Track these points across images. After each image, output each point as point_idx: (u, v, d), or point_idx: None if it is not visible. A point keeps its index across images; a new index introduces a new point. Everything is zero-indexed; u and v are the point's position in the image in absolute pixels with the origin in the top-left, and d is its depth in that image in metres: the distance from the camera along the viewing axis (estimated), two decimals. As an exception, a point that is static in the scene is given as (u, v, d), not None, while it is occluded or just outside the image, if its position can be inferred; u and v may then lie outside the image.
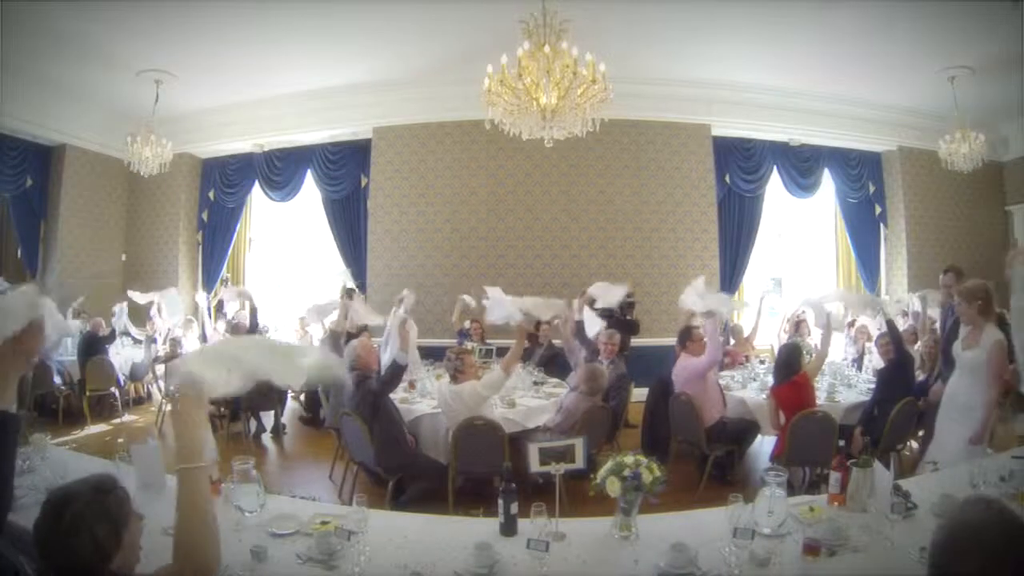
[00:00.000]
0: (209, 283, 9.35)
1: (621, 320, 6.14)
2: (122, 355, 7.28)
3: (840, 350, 6.77)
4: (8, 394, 1.49)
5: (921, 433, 4.93)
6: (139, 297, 7.73)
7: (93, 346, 6.74)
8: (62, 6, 5.56)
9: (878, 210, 9.07)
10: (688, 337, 4.90)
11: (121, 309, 7.83)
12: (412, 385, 5.06)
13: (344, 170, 8.70)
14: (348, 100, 8.04)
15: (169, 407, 5.42)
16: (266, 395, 5.95)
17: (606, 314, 6.14)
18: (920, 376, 5.08)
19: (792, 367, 4.31)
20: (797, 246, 9.51)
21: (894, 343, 4.61)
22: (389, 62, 7.22)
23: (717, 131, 8.27)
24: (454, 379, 4.17)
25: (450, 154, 8.11)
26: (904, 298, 7.40)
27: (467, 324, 6.82)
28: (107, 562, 1.30)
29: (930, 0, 5.57)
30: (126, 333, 7.69)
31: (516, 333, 4.22)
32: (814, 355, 4.85)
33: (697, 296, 4.63)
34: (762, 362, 6.39)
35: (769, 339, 7.28)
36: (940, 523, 1.24)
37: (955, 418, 3.45)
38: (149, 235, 9.34)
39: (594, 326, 5.34)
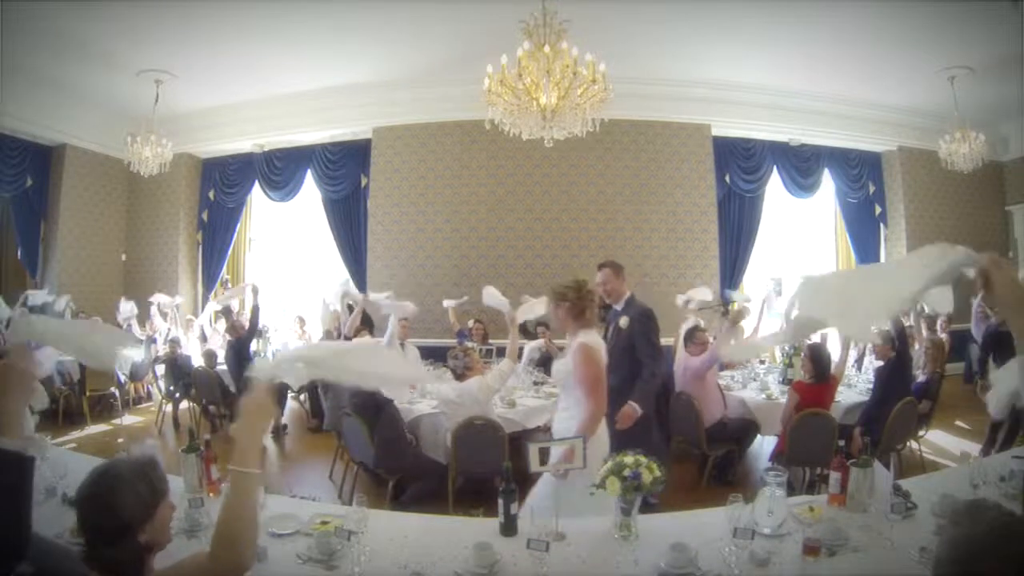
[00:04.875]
0: (209, 283, 9.36)
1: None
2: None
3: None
4: (17, 427, 1.48)
5: (922, 434, 4.94)
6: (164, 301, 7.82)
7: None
8: (62, 6, 5.56)
9: (878, 210, 9.08)
10: (691, 339, 4.91)
11: (130, 308, 7.86)
12: (412, 385, 5.06)
13: (344, 170, 8.70)
14: (348, 100, 8.04)
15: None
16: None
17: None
18: (921, 377, 5.09)
19: (828, 367, 4.32)
20: (797, 246, 9.50)
21: (898, 342, 4.60)
22: (389, 62, 7.22)
23: (717, 131, 8.26)
24: (461, 377, 4.17)
25: (450, 154, 8.11)
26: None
27: (470, 323, 6.82)
28: (141, 524, 1.36)
29: (930, 0, 5.58)
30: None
31: (508, 323, 4.23)
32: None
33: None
34: (762, 362, 6.39)
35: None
36: (948, 535, 1.21)
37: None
38: (149, 235, 9.34)
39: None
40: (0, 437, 1.40)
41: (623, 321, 3.63)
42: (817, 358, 4.31)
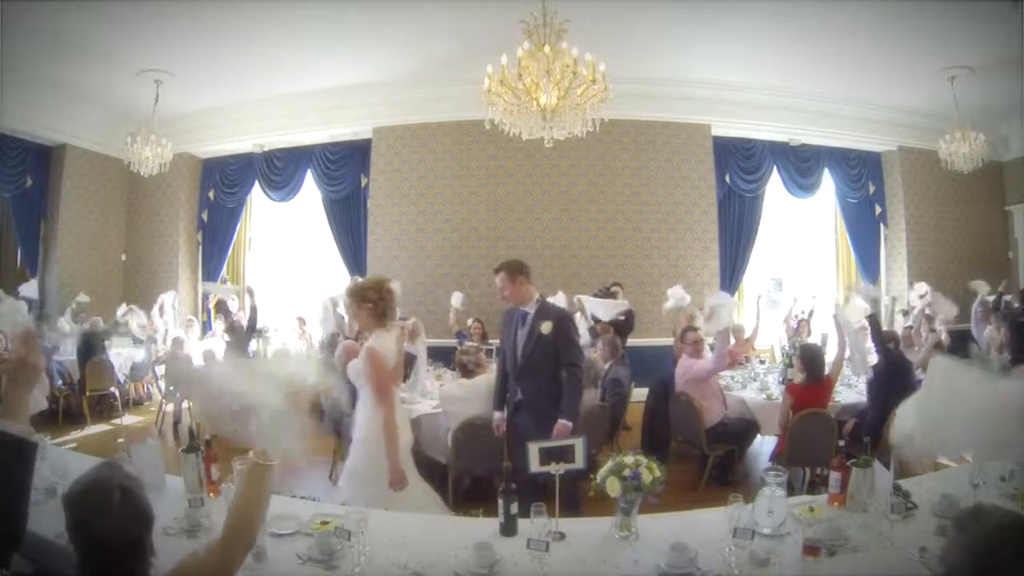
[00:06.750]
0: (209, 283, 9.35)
1: (611, 320, 6.10)
2: (122, 355, 7.27)
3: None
4: (24, 413, 1.50)
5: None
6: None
7: (93, 346, 6.74)
8: (62, 6, 5.56)
9: (878, 210, 9.08)
10: (682, 339, 4.92)
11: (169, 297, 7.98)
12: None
13: (344, 170, 8.69)
14: (348, 100, 8.04)
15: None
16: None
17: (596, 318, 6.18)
18: (922, 376, 5.06)
19: (821, 368, 4.29)
20: (797, 246, 9.50)
21: (877, 346, 4.57)
22: (389, 62, 7.22)
23: (717, 131, 8.27)
24: (471, 373, 4.18)
25: (450, 154, 8.11)
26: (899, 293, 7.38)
27: (469, 322, 6.83)
28: (151, 529, 1.40)
29: (930, 0, 5.58)
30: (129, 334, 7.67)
31: None
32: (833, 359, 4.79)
33: (704, 319, 4.80)
34: (762, 362, 6.40)
35: (769, 339, 7.27)
36: (957, 542, 1.20)
37: (355, 457, 2.92)
38: (149, 235, 9.34)
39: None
40: (7, 421, 1.43)
41: (545, 327, 3.37)
42: (809, 360, 4.30)
